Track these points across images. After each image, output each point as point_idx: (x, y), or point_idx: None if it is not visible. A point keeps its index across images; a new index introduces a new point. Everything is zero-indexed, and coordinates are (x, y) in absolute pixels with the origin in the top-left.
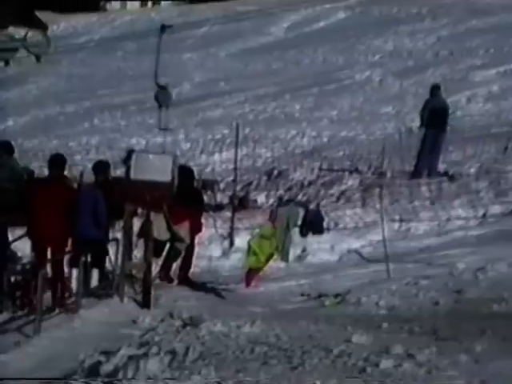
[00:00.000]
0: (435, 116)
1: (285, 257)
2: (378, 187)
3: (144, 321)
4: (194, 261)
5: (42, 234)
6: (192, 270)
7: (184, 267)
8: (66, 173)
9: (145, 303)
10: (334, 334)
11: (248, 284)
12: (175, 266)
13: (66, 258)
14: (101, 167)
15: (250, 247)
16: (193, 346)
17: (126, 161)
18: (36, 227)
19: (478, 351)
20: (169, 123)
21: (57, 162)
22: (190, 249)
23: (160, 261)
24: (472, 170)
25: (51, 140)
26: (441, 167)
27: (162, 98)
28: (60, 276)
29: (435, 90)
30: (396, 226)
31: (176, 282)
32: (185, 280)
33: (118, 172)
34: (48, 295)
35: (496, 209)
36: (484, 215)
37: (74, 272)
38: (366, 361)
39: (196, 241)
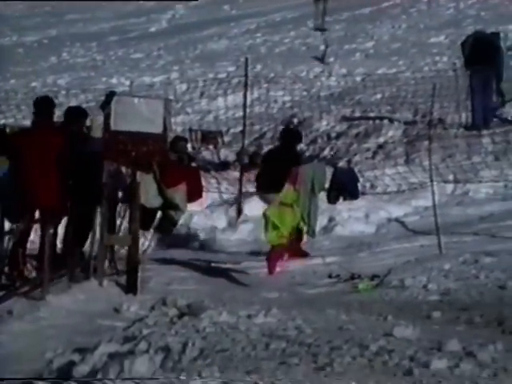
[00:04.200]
0: (478, 48)
1: (311, 229)
2: (427, 139)
3: (129, 309)
4: (194, 234)
5: (30, 193)
6: (192, 244)
7: (297, 237)
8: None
9: (130, 287)
10: (371, 326)
11: (272, 268)
12: None
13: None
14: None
15: (267, 219)
16: (191, 340)
17: (105, 106)
18: (23, 186)
19: None
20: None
21: (43, 106)
22: None
23: (149, 234)
24: None
25: (7, 79)
26: (509, 112)
27: None
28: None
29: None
30: (449, 188)
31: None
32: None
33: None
34: None
35: None
36: None
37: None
38: (412, 360)
39: (196, 207)
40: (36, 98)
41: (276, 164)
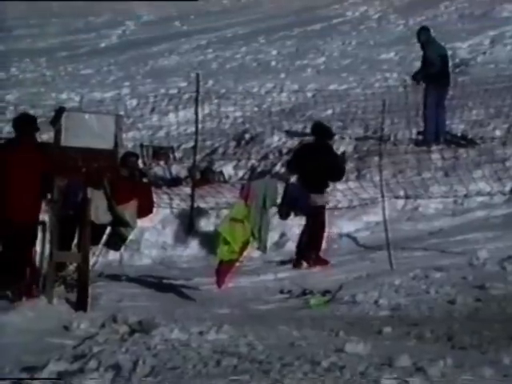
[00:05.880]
0: (441, 66)
1: (262, 245)
2: (377, 155)
3: (79, 327)
4: (145, 250)
5: (7, 208)
6: (143, 260)
7: (315, 246)
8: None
9: (80, 304)
10: (323, 342)
11: (220, 282)
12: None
13: None
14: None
15: (219, 234)
16: (142, 358)
17: (55, 122)
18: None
19: (506, 363)
20: None
21: (25, 123)
22: (320, 223)
23: (97, 249)
24: (497, 133)
25: None
26: (458, 128)
27: None
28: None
29: (425, 33)
30: (400, 203)
31: (305, 265)
32: (318, 260)
33: (45, 136)
34: None
35: None
36: None
37: None
38: (363, 376)
39: (147, 223)
40: (17, 115)
41: (311, 158)
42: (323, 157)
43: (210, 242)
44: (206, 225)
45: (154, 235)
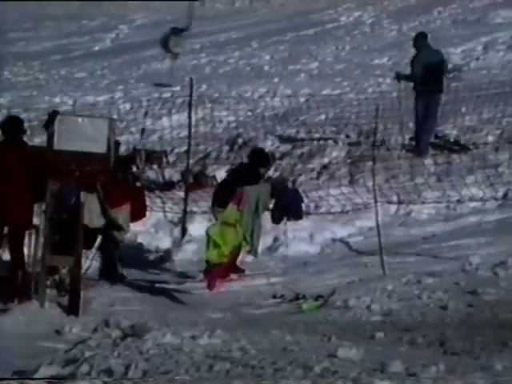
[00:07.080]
0: (429, 73)
1: (253, 249)
2: (371, 160)
3: (71, 331)
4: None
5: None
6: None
7: None
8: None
9: (72, 308)
10: (315, 347)
11: (211, 285)
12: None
13: None
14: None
15: (209, 237)
16: (135, 362)
17: (48, 126)
18: None
19: (498, 369)
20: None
21: (12, 125)
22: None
23: (90, 253)
24: (490, 139)
25: None
26: (451, 134)
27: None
28: (20, 261)
29: (420, 40)
30: (393, 209)
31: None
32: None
33: (38, 140)
34: None
35: None
36: (505, 196)
37: None
38: (355, 381)
39: (140, 227)
40: (4, 117)
41: (237, 182)
42: (250, 182)
43: (202, 246)
44: (198, 229)
45: (146, 239)
